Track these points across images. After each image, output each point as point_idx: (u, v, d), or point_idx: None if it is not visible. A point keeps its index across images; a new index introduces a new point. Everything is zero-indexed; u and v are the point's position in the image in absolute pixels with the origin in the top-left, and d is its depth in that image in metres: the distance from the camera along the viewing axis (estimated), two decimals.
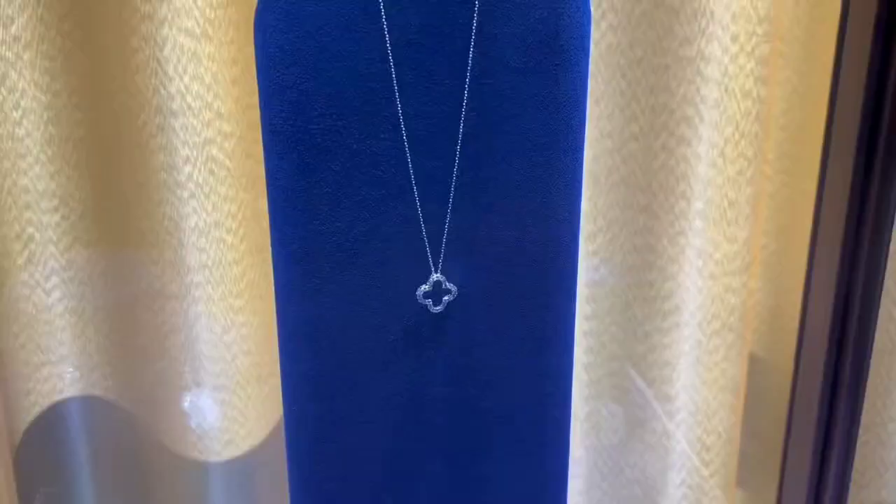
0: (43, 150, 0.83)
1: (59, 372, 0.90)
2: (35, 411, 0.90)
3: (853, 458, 0.83)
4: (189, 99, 0.79)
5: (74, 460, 0.94)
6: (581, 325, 0.85)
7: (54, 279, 0.87)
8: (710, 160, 0.78)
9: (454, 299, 0.51)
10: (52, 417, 0.91)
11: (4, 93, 0.79)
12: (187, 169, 0.81)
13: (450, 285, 0.51)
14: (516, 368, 0.54)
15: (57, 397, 0.91)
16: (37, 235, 0.85)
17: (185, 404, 0.91)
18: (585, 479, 0.90)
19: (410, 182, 0.48)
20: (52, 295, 0.87)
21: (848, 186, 0.75)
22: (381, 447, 0.55)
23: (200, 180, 0.81)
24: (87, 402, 0.92)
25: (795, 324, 0.88)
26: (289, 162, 0.48)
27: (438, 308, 0.51)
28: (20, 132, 0.81)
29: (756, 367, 0.92)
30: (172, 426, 0.91)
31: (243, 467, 0.93)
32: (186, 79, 0.78)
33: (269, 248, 0.88)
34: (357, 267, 0.50)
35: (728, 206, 0.79)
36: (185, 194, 0.82)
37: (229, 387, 0.89)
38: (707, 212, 0.80)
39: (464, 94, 0.47)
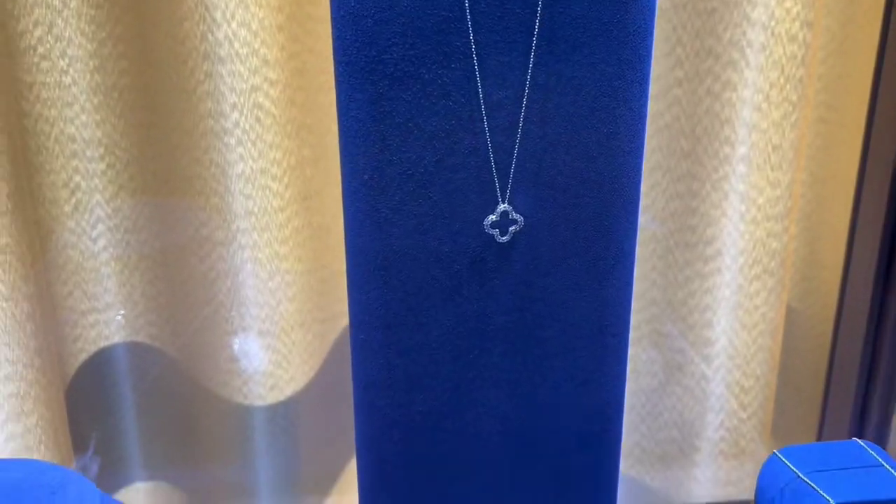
0: (89, 98, 0.84)
1: (105, 319, 0.91)
2: (82, 357, 0.92)
3: (892, 413, 0.84)
4: (237, 45, 0.79)
5: (121, 405, 0.96)
6: None
7: (100, 227, 0.88)
8: (755, 105, 0.79)
9: (520, 229, 0.52)
10: (99, 363, 0.93)
11: (51, 41, 0.80)
12: (234, 116, 0.81)
13: (516, 215, 0.52)
14: (578, 298, 0.55)
15: (103, 344, 0.93)
16: (83, 184, 0.86)
17: (231, 349, 0.92)
18: (624, 423, 0.92)
19: (480, 112, 0.49)
20: (97, 243, 0.88)
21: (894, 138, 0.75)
22: (444, 375, 0.56)
23: (247, 127, 0.82)
24: (132, 347, 0.94)
25: (830, 274, 0.88)
26: (362, 92, 0.49)
27: (505, 238, 0.52)
28: (66, 80, 0.82)
29: (791, 317, 0.93)
30: (218, 371, 0.93)
31: (286, 411, 0.95)
32: (234, 25, 0.78)
33: (313, 196, 0.90)
34: (426, 197, 0.51)
35: (772, 151, 0.80)
36: (232, 141, 0.82)
37: (274, 332, 0.91)
38: (751, 157, 0.80)
39: (535, 23, 0.48)
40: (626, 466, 0.94)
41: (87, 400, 0.93)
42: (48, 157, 0.84)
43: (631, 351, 0.90)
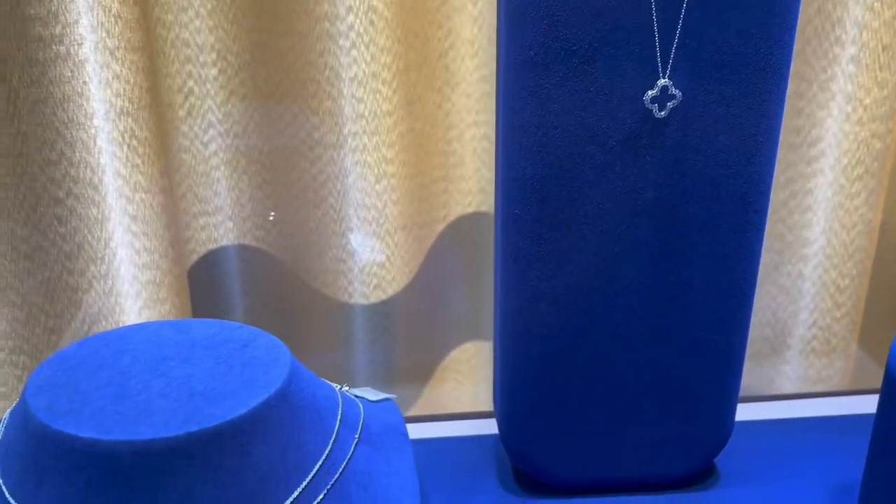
0: (203, 3, 0.86)
1: (215, 222, 0.95)
2: (193, 259, 0.96)
3: None
4: None
5: (229, 304, 1.00)
6: None
7: (211, 132, 0.90)
8: (866, 4, 0.80)
9: (677, 105, 0.55)
10: (209, 265, 0.97)
11: None
12: (350, 18, 0.83)
13: (675, 91, 0.54)
14: (725, 175, 0.58)
15: (212, 246, 0.97)
16: (196, 89, 0.88)
17: (338, 250, 0.96)
18: None
19: None
20: (209, 147, 0.91)
21: None
22: (592, 249, 0.59)
23: (361, 30, 0.84)
24: (240, 251, 0.98)
25: None
26: None
27: (662, 114, 0.55)
28: None
29: (886, 220, 0.94)
30: (325, 272, 0.96)
31: (386, 310, 0.99)
32: None
33: (416, 102, 0.92)
34: (588, 73, 0.54)
35: (882, 51, 0.81)
36: (347, 44, 0.84)
37: (379, 234, 0.94)
38: (860, 56, 0.82)
39: None
40: None
41: (197, 301, 0.97)
42: (165, 61, 0.86)
43: None
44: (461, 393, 1.02)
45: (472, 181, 0.96)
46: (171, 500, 0.44)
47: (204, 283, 0.98)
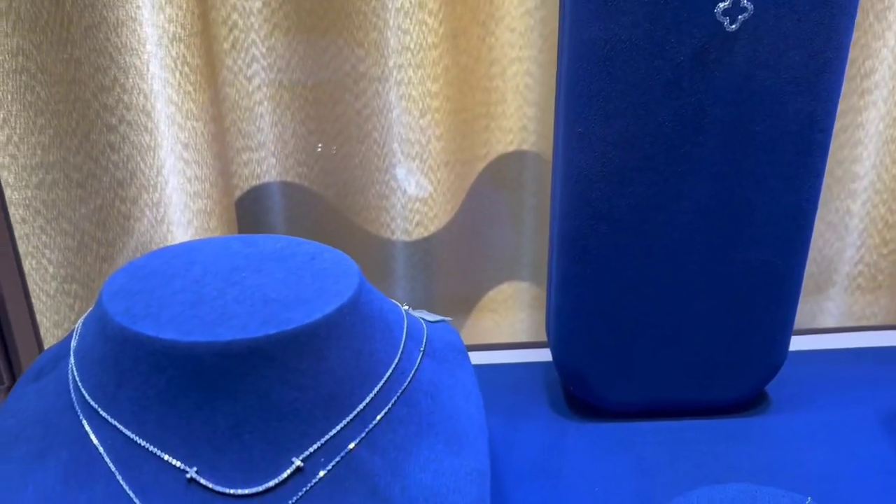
0: None
1: (258, 158, 0.95)
2: (236, 194, 0.96)
3: None
4: None
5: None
6: None
7: (255, 66, 0.90)
8: None
9: (748, 18, 0.54)
10: (252, 201, 0.97)
11: None
12: None
13: (747, 3, 0.54)
14: (794, 92, 0.57)
15: (255, 182, 0.97)
16: (240, 22, 0.88)
17: (382, 186, 0.96)
18: None
19: None
20: (252, 81, 0.91)
21: None
22: (656, 168, 0.59)
23: None
24: (282, 187, 0.98)
25: None
26: None
27: (733, 27, 0.54)
28: None
29: None
30: (367, 208, 0.97)
31: (427, 246, 1.00)
32: None
33: (460, 35, 0.91)
34: None
35: None
36: None
37: (422, 170, 0.94)
38: None
39: None
40: None
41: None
42: None
43: None
44: (501, 328, 1.03)
45: (514, 119, 0.96)
46: (251, 401, 0.45)
47: (247, 219, 0.98)
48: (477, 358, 0.83)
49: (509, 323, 1.07)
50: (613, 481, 0.63)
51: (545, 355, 0.75)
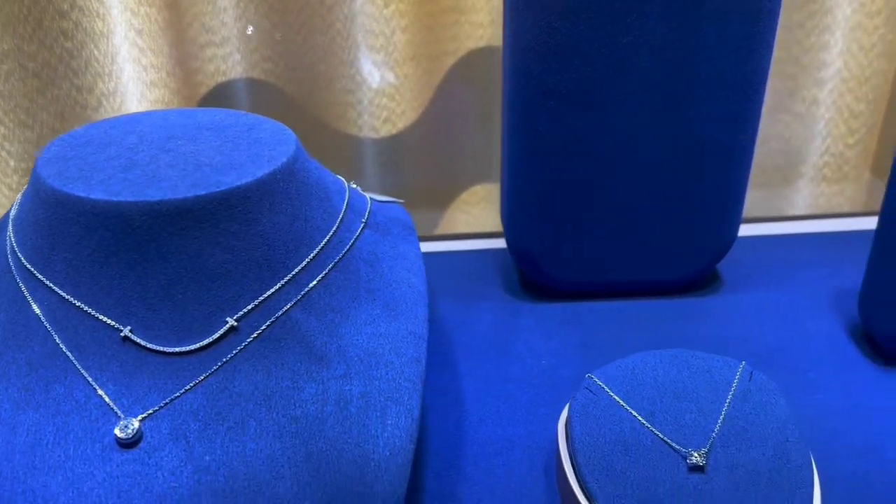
0: None
1: (223, 53, 0.93)
2: (202, 91, 0.95)
3: None
4: None
5: None
6: None
7: None
8: None
9: None
10: (217, 98, 0.96)
11: None
12: None
13: None
14: None
15: (221, 79, 0.95)
16: None
17: (347, 80, 0.95)
18: None
19: None
20: None
21: None
22: (602, 39, 0.58)
23: None
24: (249, 84, 0.97)
25: None
26: None
27: None
28: None
29: None
30: (334, 104, 0.96)
31: (396, 144, 0.99)
32: None
33: None
34: None
35: None
36: None
37: (388, 63, 0.93)
38: None
39: None
40: None
41: None
42: None
43: None
44: (470, 223, 1.03)
45: (484, 13, 0.94)
46: (183, 262, 0.45)
47: None
48: (441, 246, 0.84)
49: (479, 218, 1.08)
50: (560, 355, 0.64)
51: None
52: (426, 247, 0.84)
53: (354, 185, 0.62)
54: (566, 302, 0.70)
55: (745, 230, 0.81)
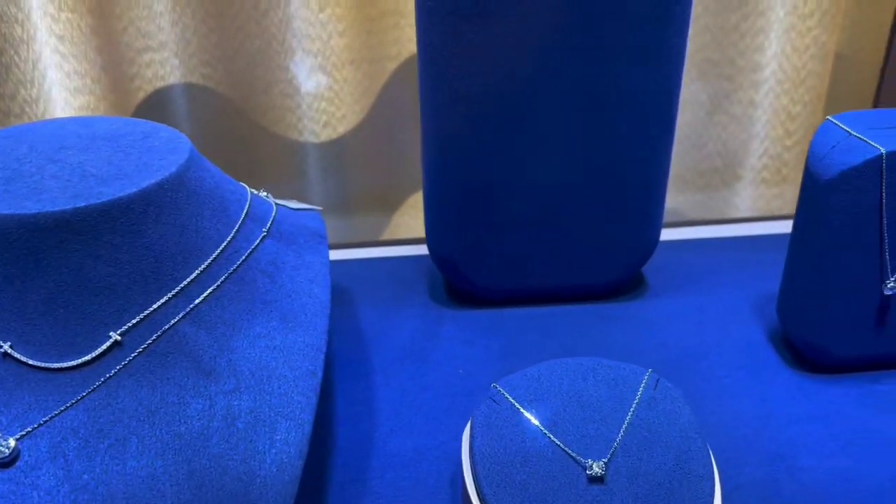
0: None
1: (160, 58, 0.92)
2: (140, 96, 0.94)
3: None
4: None
5: None
6: None
7: None
8: None
9: None
10: (156, 103, 0.95)
11: None
12: None
13: None
14: None
15: (159, 84, 0.94)
16: None
17: (285, 84, 0.94)
18: None
19: None
20: None
21: None
22: (510, 45, 0.58)
23: None
24: (188, 88, 0.96)
25: (880, 22, 0.86)
26: None
27: None
28: None
29: (840, 63, 0.92)
30: (272, 108, 0.95)
31: (338, 148, 0.98)
32: None
33: None
34: None
35: None
36: None
37: (326, 68, 0.92)
38: None
39: None
40: (667, 197, 0.97)
41: None
42: None
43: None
44: (416, 226, 1.03)
45: None
46: (63, 276, 0.44)
47: (152, 121, 0.96)
48: (373, 252, 0.83)
49: (422, 222, 1.07)
50: (479, 363, 0.63)
51: None
52: (359, 253, 0.84)
53: (264, 194, 0.61)
54: (490, 309, 0.69)
55: (676, 234, 0.80)
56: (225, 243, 0.50)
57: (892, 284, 0.57)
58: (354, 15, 0.91)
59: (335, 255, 0.83)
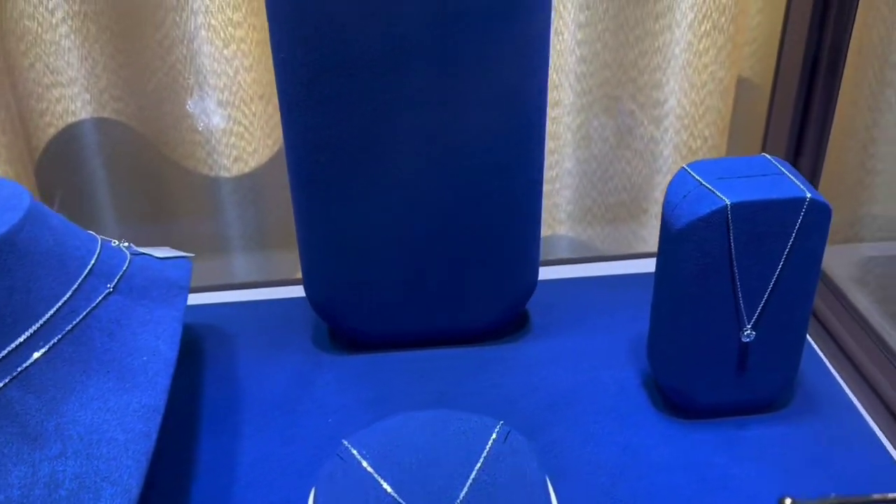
0: None
1: (71, 94, 0.92)
2: (51, 132, 0.94)
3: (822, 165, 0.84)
4: None
5: (93, 179, 0.98)
6: (575, 35, 0.86)
7: None
8: None
9: None
10: (68, 138, 0.95)
11: None
12: None
13: None
14: (499, 8, 0.55)
15: (70, 119, 0.94)
16: None
17: (194, 119, 0.94)
18: (575, 190, 0.94)
19: None
20: (55, 14, 0.88)
21: None
22: (365, 94, 0.58)
23: None
24: (99, 123, 0.95)
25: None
26: None
27: None
28: None
29: (742, 87, 0.92)
30: (182, 143, 0.95)
31: (251, 182, 0.98)
32: None
33: None
34: None
35: None
36: None
37: (234, 103, 0.92)
38: None
39: None
40: (577, 231, 0.97)
41: (57, 174, 0.96)
42: None
43: (581, 118, 0.91)
44: None
45: None
46: None
47: (64, 157, 0.96)
48: (264, 294, 0.83)
49: None
50: (349, 412, 0.63)
51: None
52: (252, 294, 0.83)
53: (125, 244, 0.60)
54: (369, 353, 0.69)
55: (568, 271, 0.80)
56: (60, 303, 0.50)
57: (748, 332, 0.57)
58: (262, 50, 0.91)
59: (237, 295, 0.83)
